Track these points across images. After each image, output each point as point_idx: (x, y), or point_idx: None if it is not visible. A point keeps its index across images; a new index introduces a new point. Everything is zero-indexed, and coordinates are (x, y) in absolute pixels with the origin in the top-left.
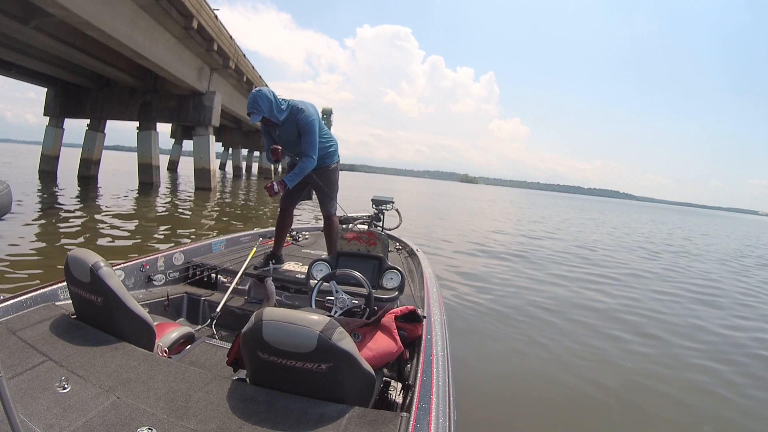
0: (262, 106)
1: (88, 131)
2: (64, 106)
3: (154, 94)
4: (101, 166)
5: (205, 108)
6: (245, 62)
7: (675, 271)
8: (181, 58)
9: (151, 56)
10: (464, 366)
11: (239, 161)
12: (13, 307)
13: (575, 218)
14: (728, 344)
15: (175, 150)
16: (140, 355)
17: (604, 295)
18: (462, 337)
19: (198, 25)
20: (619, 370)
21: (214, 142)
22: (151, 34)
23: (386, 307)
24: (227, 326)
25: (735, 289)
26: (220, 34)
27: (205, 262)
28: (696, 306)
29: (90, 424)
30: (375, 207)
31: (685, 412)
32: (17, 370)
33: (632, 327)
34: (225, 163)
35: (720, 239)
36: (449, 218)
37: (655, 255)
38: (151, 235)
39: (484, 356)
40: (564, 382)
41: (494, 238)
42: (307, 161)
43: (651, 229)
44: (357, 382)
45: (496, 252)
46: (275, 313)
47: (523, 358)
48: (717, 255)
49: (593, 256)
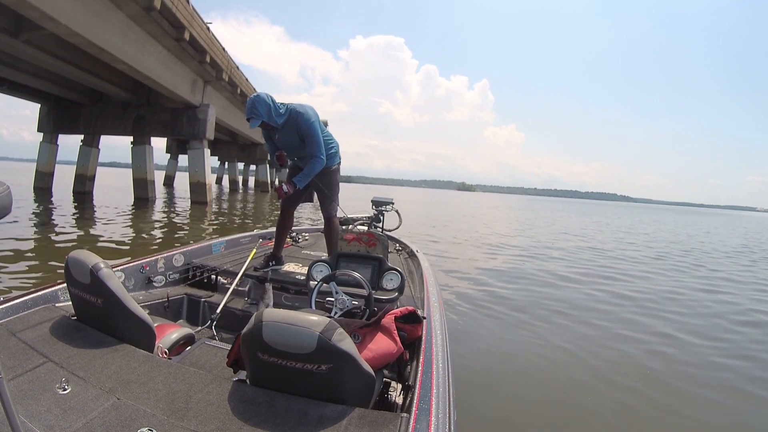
0: (260, 110)
1: (82, 147)
2: (57, 121)
3: (148, 108)
4: (97, 181)
5: (199, 121)
6: (239, 74)
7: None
8: (173, 71)
9: (144, 69)
10: (464, 367)
11: (236, 175)
12: (13, 308)
13: (580, 223)
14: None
15: (170, 165)
16: (140, 357)
17: (615, 296)
18: (462, 338)
19: (190, 36)
20: (627, 370)
21: (209, 155)
22: (143, 47)
23: (386, 308)
24: (227, 327)
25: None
26: (212, 46)
27: (205, 264)
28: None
29: (90, 426)
30: (375, 208)
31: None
32: (17, 371)
33: (646, 327)
34: (221, 177)
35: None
36: (452, 225)
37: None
38: (147, 247)
39: (484, 357)
40: (564, 383)
41: (500, 241)
42: (316, 161)
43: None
44: (357, 383)
45: (496, 252)
46: (275, 314)
47: (523, 359)
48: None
49: (611, 259)
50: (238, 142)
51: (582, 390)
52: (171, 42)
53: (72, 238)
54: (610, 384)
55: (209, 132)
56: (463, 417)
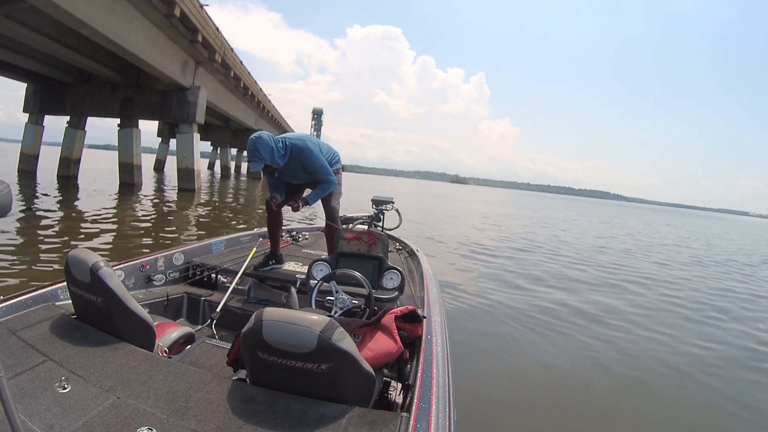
0: (263, 154)
1: (68, 128)
2: (43, 102)
3: (137, 89)
4: (86, 165)
5: (189, 104)
6: (232, 56)
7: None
8: (163, 50)
9: (130, 47)
10: (464, 366)
11: (228, 161)
12: (13, 307)
13: (576, 220)
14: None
15: (162, 149)
16: (140, 355)
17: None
18: (462, 337)
19: (181, 12)
20: (620, 372)
21: (199, 140)
22: (130, 23)
23: (386, 307)
24: (227, 326)
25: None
26: (205, 25)
27: (205, 262)
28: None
29: (90, 424)
30: (375, 207)
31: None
32: (17, 370)
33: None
34: (214, 162)
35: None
36: (453, 220)
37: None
38: (131, 240)
39: (485, 356)
40: (565, 383)
41: (499, 241)
42: (328, 185)
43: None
44: (357, 382)
45: (498, 253)
46: (275, 313)
47: (523, 359)
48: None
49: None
50: (231, 128)
51: (582, 390)
52: (160, 18)
53: (52, 227)
54: (611, 384)
55: (199, 116)
56: (463, 417)
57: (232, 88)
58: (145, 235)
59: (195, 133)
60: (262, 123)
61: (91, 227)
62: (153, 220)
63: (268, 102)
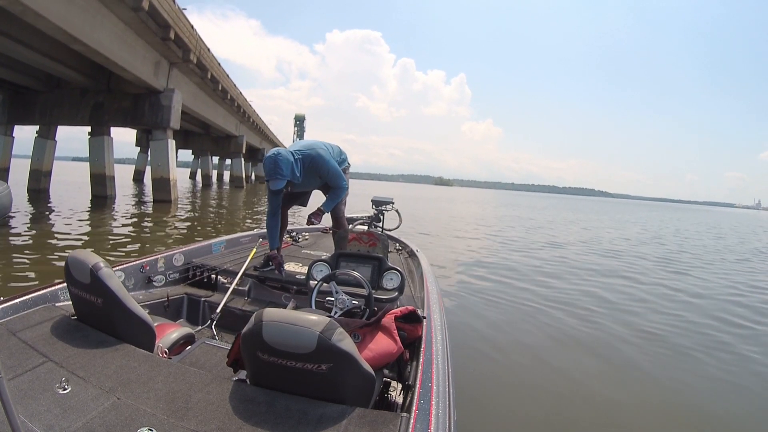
0: (284, 170)
1: (38, 139)
2: (12, 111)
3: (107, 94)
4: (61, 177)
5: (163, 108)
6: (209, 56)
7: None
8: (132, 49)
9: (95, 44)
10: (464, 366)
11: (209, 169)
12: (13, 308)
13: (563, 218)
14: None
15: (140, 159)
16: (140, 356)
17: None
18: (462, 338)
19: (150, 5)
20: (623, 374)
21: (175, 147)
22: (93, 17)
23: (386, 307)
24: (227, 327)
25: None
26: (177, 21)
27: (205, 263)
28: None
29: (90, 425)
30: (375, 208)
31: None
32: (17, 371)
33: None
34: (195, 172)
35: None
36: (438, 222)
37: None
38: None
39: (485, 357)
40: (565, 383)
41: (496, 240)
42: (341, 191)
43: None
44: (357, 382)
45: (498, 253)
46: (275, 313)
47: (523, 359)
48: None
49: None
50: (212, 135)
51: (583, 390)
52: (128, 12)
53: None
54: (611, 384)
55: (174, 120)
56: (464, 417)
57: (210, 92)
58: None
59: (170, 140)
60: (244, 129)
61: (58, 244)
62: (122, 237)
63: (249, 107)
